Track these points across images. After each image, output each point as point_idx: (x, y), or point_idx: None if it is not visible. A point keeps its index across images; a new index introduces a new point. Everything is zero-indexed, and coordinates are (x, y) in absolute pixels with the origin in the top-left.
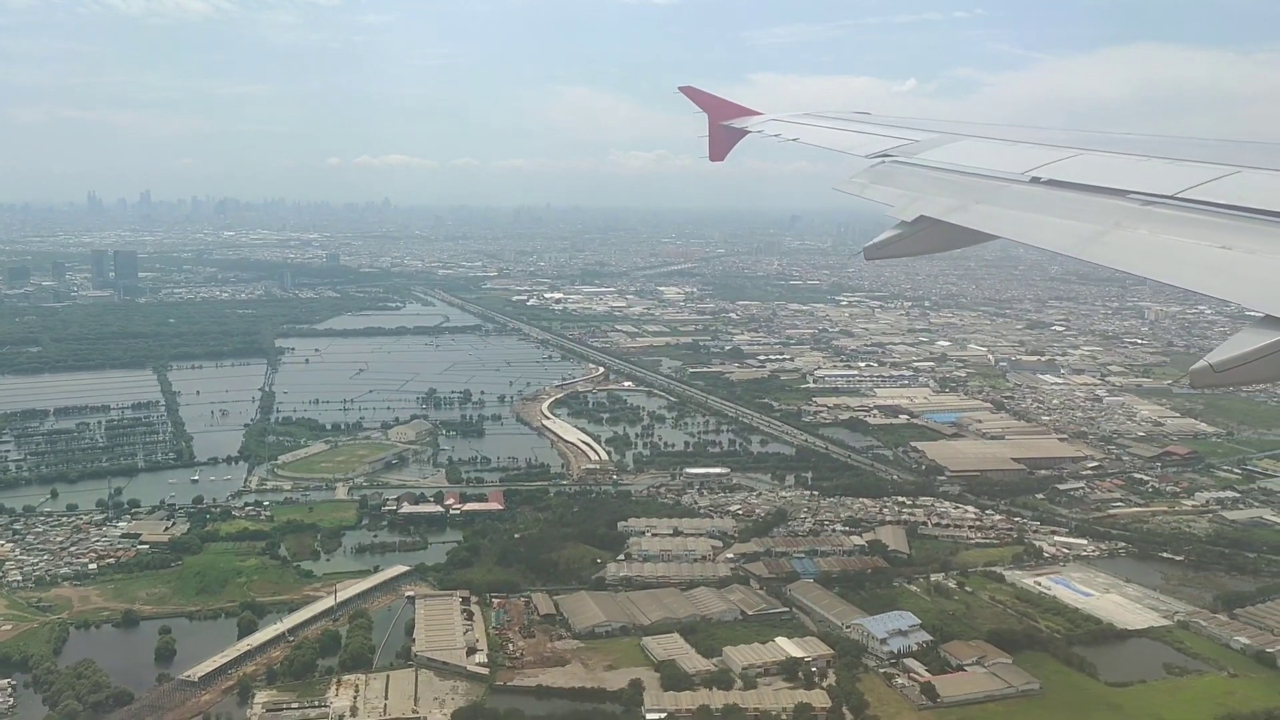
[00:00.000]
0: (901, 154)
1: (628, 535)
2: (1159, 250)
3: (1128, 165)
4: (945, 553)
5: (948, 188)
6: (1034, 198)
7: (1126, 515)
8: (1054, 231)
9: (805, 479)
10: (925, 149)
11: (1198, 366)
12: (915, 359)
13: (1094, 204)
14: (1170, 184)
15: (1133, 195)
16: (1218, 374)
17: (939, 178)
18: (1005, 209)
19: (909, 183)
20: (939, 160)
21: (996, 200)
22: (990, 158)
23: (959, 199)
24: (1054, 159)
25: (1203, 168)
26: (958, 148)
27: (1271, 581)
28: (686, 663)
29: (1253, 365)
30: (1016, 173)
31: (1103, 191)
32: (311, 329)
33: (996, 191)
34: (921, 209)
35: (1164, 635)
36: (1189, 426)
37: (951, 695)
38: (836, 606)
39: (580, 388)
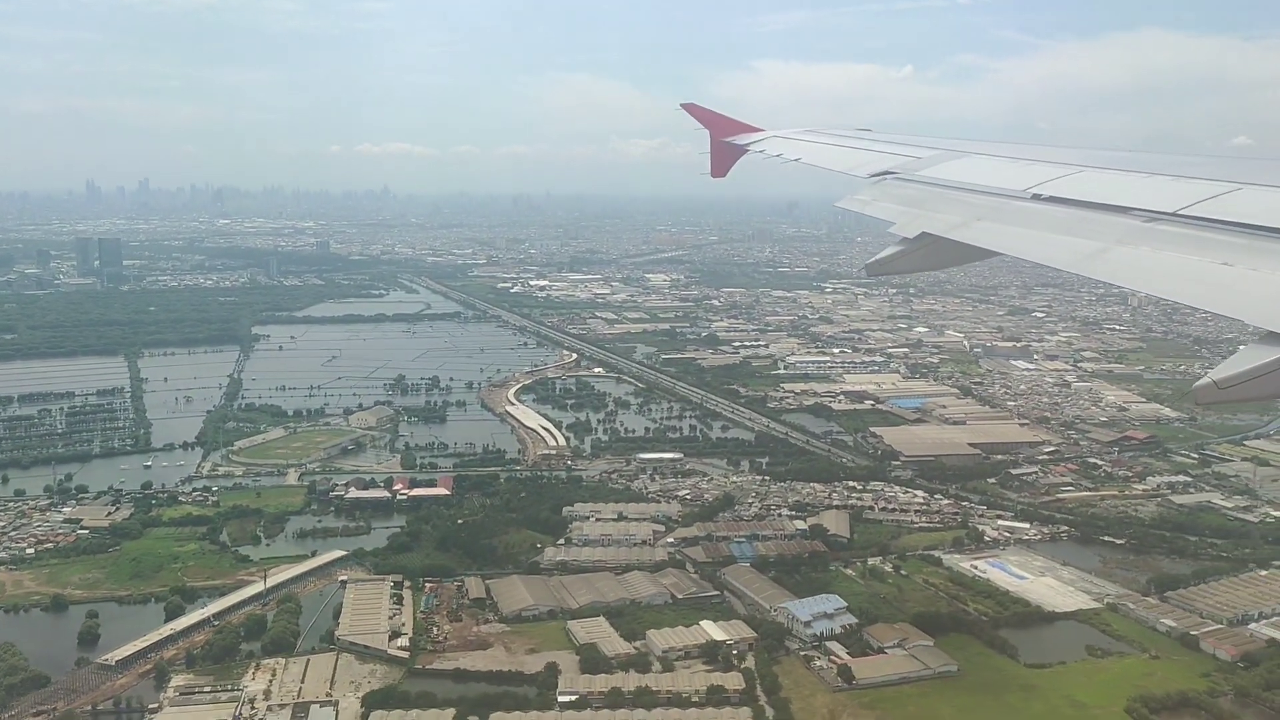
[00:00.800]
0: (904, 171)
1: (571, 520)
2: (1162, 267)
3: (1130, 182)
4: (887, 537)
5: (950, 205)
6: (1036, 214)
7: (1075, 499)
8: (1057, 248)
9: (760, 464)
10: (927, 166)
11: (1201, 384)
12: (891, 345)
13: (1096, 221)
14: (1172, 201)
15: (1135, 212)
16: (1222, 391)
17: (941, 195)
18: (1007, 226)
19: (911, 200)
20: (941, 177)
21: (999, 217)
22: (992, 175)
23: (961, 216)
24: (1056, 176)
25: (1205, 185)
26: (959, 165)
27: (1208, 565)
28: (607, 646)
29: (1257, 381)
30: (1018, 190)
31: (1105, 208)
32: (291, 316)
33: (999, 208)
34: (924, 226)
35: (1091, 618)
36: (1153, 412)
37: (867, 677)
38: (767, 590)
39: (550, 374)
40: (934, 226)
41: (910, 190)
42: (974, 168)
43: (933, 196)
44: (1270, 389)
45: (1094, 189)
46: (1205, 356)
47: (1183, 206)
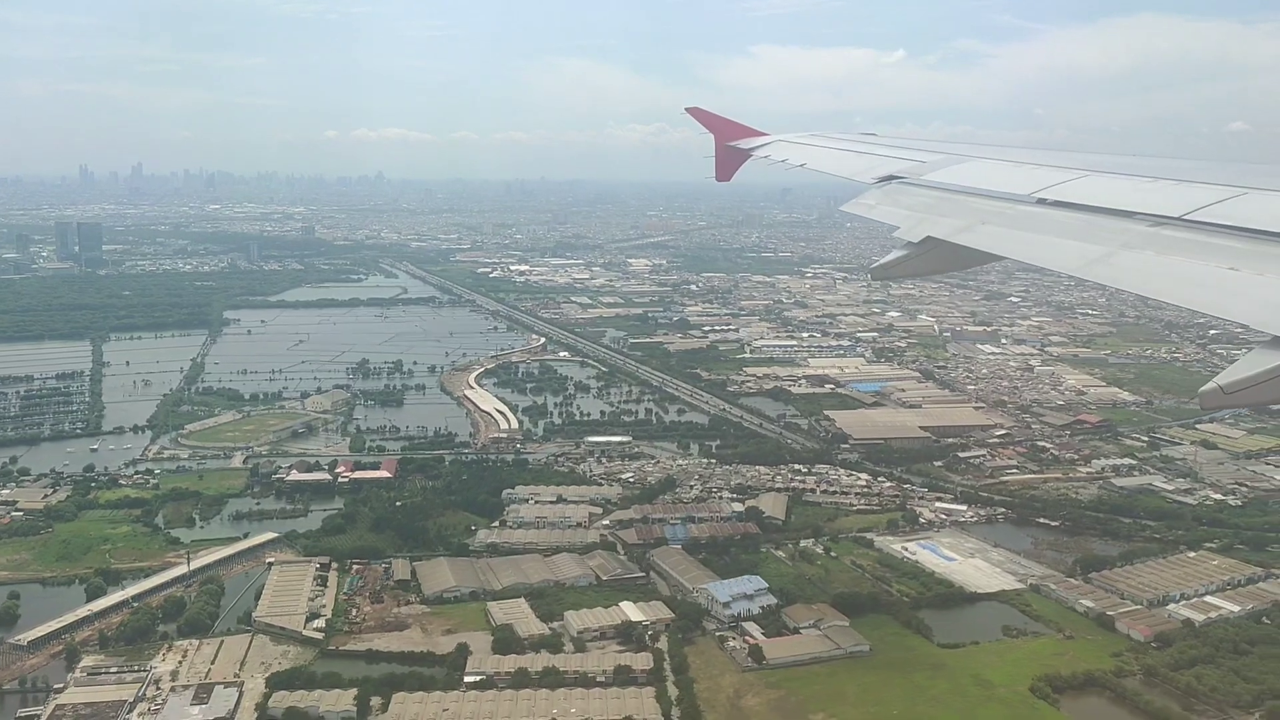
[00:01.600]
0: (909, 175)
1: (509, 503)
2: (1167, 272)
3: (1134, 187)
4: (824, 519)
5: (954, 209)
6: (1041, 219)
7: (1018, 482)
8: (1061, 253)
9: (709, 447)
10: (932, 170)
11: (1207, 388)
12: (862, 330)
13: (1101, 225)
14: (1178, 205)
15: (1140, 216)
16: (1227, 395)
17: (946, 199)
18: (1012, 230)
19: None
20: (946, 181)
21: (1003, 221)
22: (996, 179)
23: (966, 220)
24: (1060, 180)
25: (1210, 189)
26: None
27: (1139, 546)
28: (523, 627)
29: (1262, 386)
30: (1023, 194)
31: (1109, 213)
32: (265, 300)
33: (1003, 213)
34: (928, 230)
35: (1013, 599)
36: (1111, 395)
37: (777, 657)
38: (692, 571)
39: (515, 358)
40: (939, 231)
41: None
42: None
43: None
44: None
45: (1098, 193)
46: (1174, 341)
47: (1187, 211)
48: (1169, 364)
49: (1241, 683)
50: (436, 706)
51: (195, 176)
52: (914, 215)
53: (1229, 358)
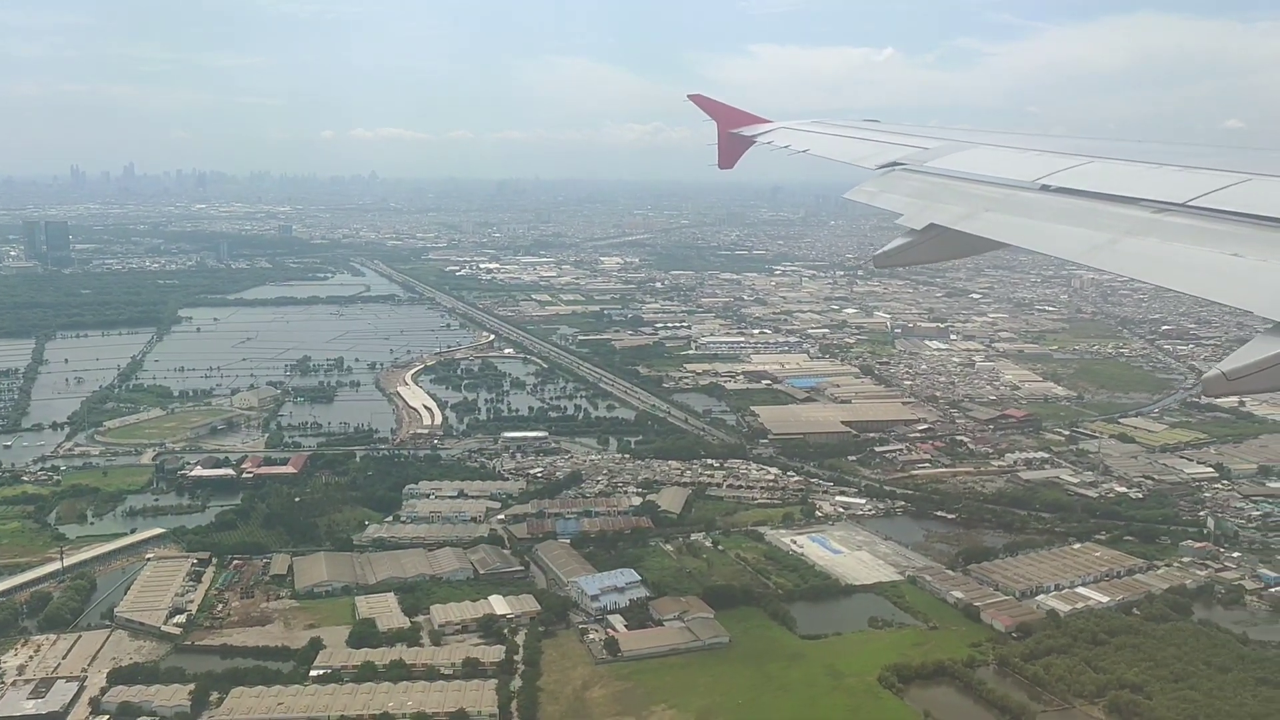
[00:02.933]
0: (912, 162)
1: (410, 498)
2: (1170, 258)
3: (1138, 173)
4: (722, 513)
5: (957, 196)
6: (1044, 205)
7: (926, 476)
8: (1064, 239)
9: (628, 443)
10: (935, 157)
11: (1210, 375)
12: (815, 326)
13: (1105, 212)
14: (1182, 192)
15: (1144, 203)
16: (1230, 382)
17: (949, 186)
18: (1015, 217)
19: (919, 191)
20: (949, 168)
21: (1006, 208)
22: (1000, 166)
23: (969, 207)
24: (1064, 166)
25: (1214, 175)
26: (967, 156)
27: (1030, 538)
28: (386, 621)
29: (1266, 373)
30: (1026, 180)
31: (1113, 199)
32: (224, 299)
33: (1006, 199)
34: (931, 217)
35: (888, 590)
36: (1045, 390)
37: (633, 649)
38: (570, 565)
39: (459, 355)
40: (941, 218)
41: (917, 181)
42: (981, 159)
43: (940, 188)
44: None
45: (1102, 180)
46: (1125, 337)
47: (1192, 197)
48: (1113, 359)
49: (1090, 672)
50: (273, 700)
51: (187, 176)
52: (916, 202)
53: (1175, 353)
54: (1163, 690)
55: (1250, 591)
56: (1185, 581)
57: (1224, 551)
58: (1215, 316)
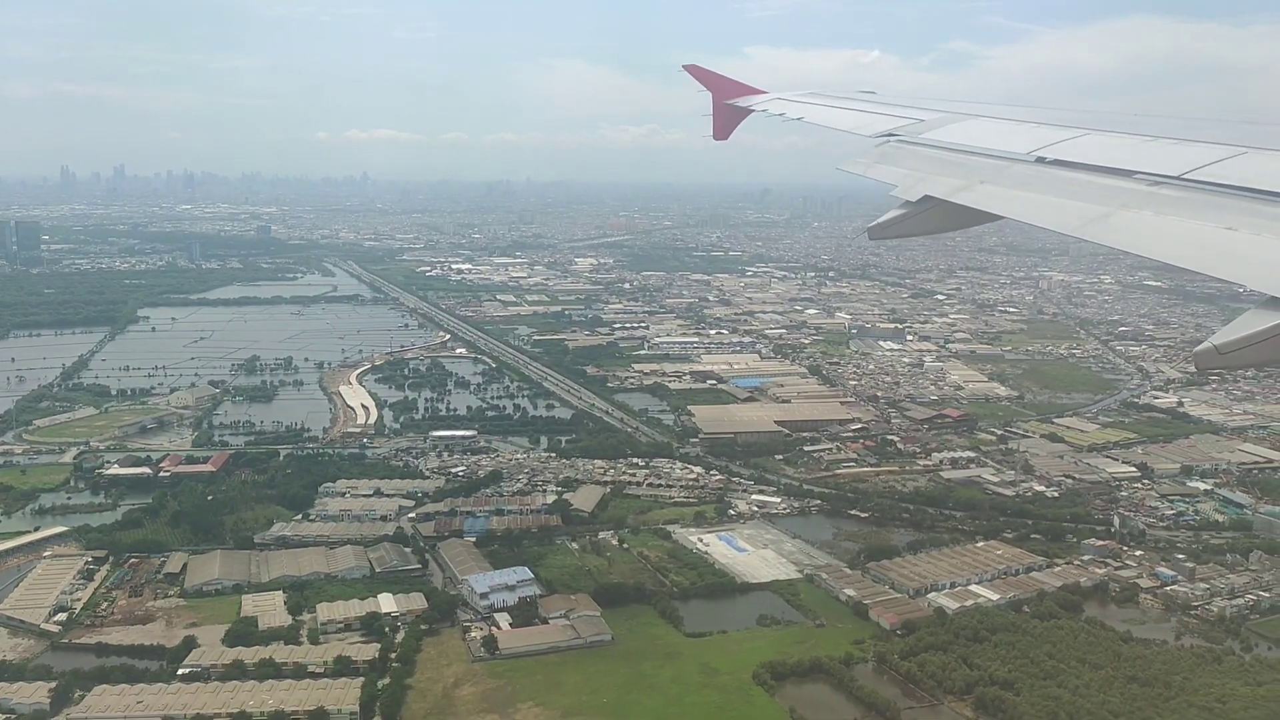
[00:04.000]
0: (906, 134)
1: (325, 496)
2: (1164, 231)
3: (1134, 146)
4: (637, 511)
5: (953, 168)
6: (1039, 178)
7: (849, 475)
8: (1059, 212)
9: (559, 441)
10: (930, 129)
11: (1202, 348)
12: (772, 326)
13: (1099, 185)
14: (1176, 165)
15: (1139, 176)
16: (1223, 355)
17: (944, 158)
18: (1010, 189)
19: (914, 163)
20: (944, 140)
21: (1001, 180)
22: (995, 138)
23: (964, 179)
24: (1059, 139)
25: (1209, 148)
26: (963, 128)
27: (937, 536)
28: (269, 619)
29: (1259, 347)
30: (1022, 153)
31: (1108, 172)
32: (186, 299)
33: (1001, 171)
34: (926, 189)
35: (784, 588)
36: (987, 390)
37: (511, 647)
38: (468, 563)
39: (410, 355)
40: (936, 190)
41: (912, 153)
42: (977, 130)
43: (935, 159)
44: (1271, 354)
45: (1097, 152)
46: (1081, 338)
47: (1186, 170)
48: (1063, 360)
49: (964, 669)
50: (134, 699)
51: (177, 177)
52: (912, 174)
53: (1126, 354)
54: (1031, 687)
55: (1145, 590)
56: (1080, 579)
57: (1127, 550)
58: (1175, 318)
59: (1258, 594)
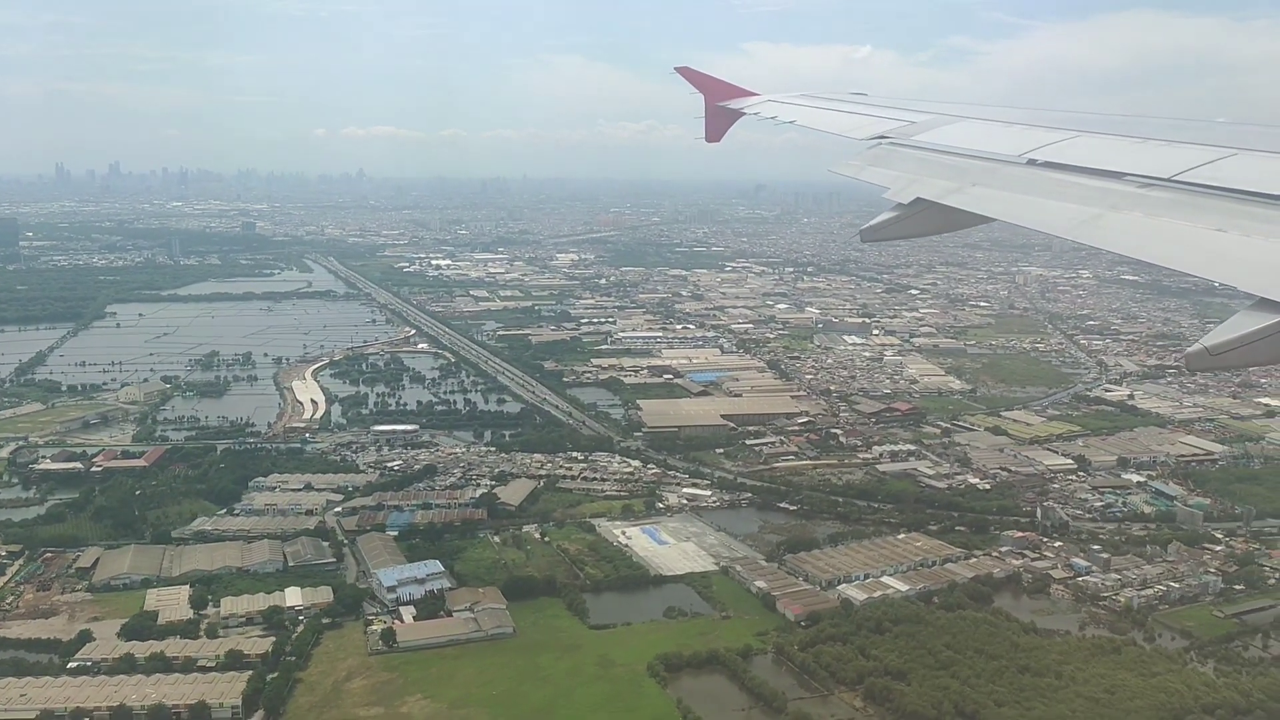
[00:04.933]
0: (899, 136)
1: (255, 490)
2: (1155, 233)
3: (1125, 148)
4: (567, 504)
5: (944, 170)
6: (1031, 180)
7: (787, 468)
8: (1050, 214)
9: (502, 436)
10: (922, 131)
11: (1193, 349)
12: (740, 321)
13: (1090, 186)
14: (1167, 166)
15: (1129, 178)
16: (1214, 356)
17: (936, 160)
18: (1002, 191)
19: (906, 165)
20: (936, 142)
21: (993, 182)
22: (987, 140)
23: (956, 181)
24: (1051, 141)
25: (1200, 150)
26: (955, 130)
27: (857, 529)
28: (171, 613)
29: (1249, 348)
30: (1013, 155)
31: (1099, 174)
32: (157, 294)
33: (993, 174)
34: (918, 191)
35: (698, 581)
36: (942, 384)
37: (410, 640)
38: (382, 557)
39: (371, 350)
40: (928, 192)
41: (904, 155)
42: (969, 132)
43: (927, 162)
44: (1262, 355)
45: (1088, 154)
46: (1047, 332)
47: (1177, 172)
48: (1025, 354)
49: (860, 660)
50: (16, 692)
51: (172, 175)
52: (903, 176)
53: (1089, 348)
54: (923, 677)
55: (1058, 581)
56: (994, 571)
57: (1047, 542)
58: (1145, 312)
59: (1168, 585)
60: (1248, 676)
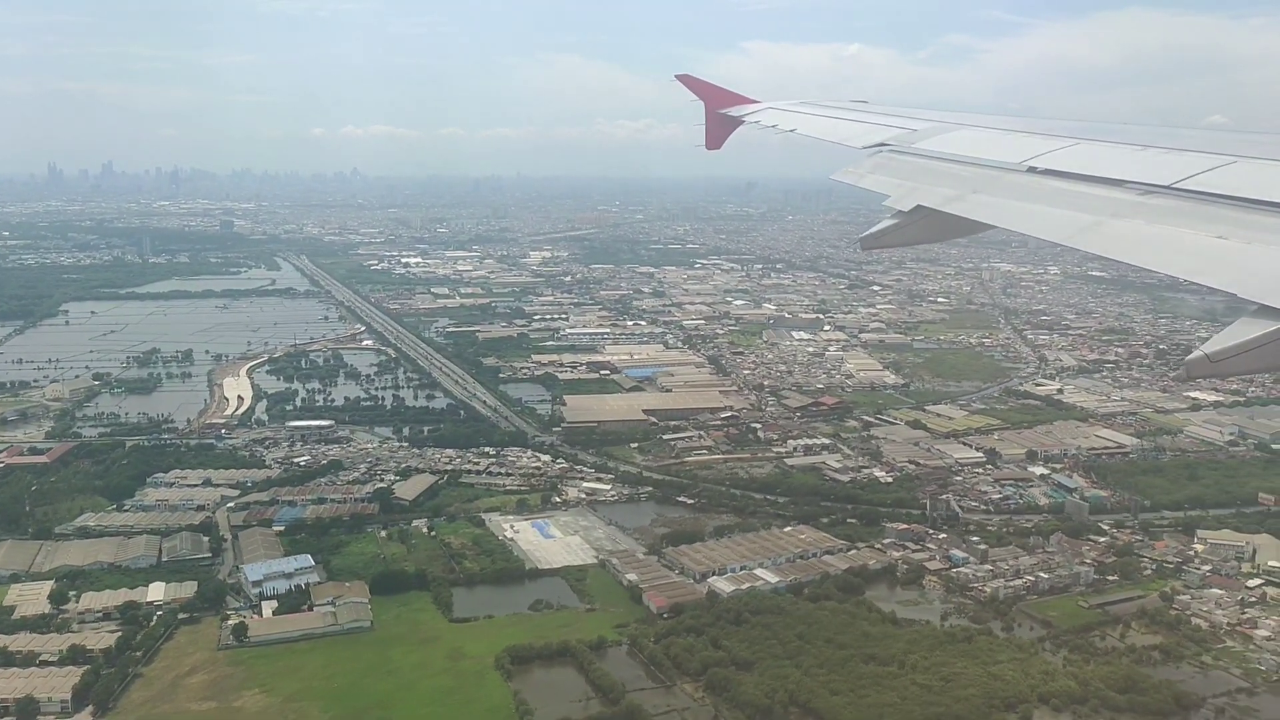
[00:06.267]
0: (899, 143)
1: (153, 486)
2: (1155, 240)
3: (1125, 155)
4: (465, 499)
5: (945, 177)
6: (1031, 188)
7: (697, 462)
8: (1050, 221)
9: (420, 431)
10: (923, 138)
11: (1193, 357)
12: (693, 318)
13: (1091, 194)
14: (1168, 174)
15: (1130, 185)
16: (1214, 364)
17: (936, 167)
18: (1002, 199)
19: (906, 172)
20: (936, 149)
21: (993, 190)
22: (988, 147)
23: (956, 189)
24: (1051, 149)
25: (1200, 158)
26: (955, 137)
27: (747, 521)
28: (28, 608)
29: (1249, 355)
30: (1014, 162)
31: (1100, 182)
32: (116, 293)
33: (993, 181)
34: (919, 199)
35: (573, 574)
36: (877, 378)
37: (263, 634)
38: (258, 551)
39: (315, 347)
40: (929, 199)
41: (905, 163)
42: (969, 140)
43: (927, 169)
44: (1262, 362)
45: (1089, 162)
46: (1000, 327)
47: (1177, 180)
48: (969, 349)
49: (710, 650)
50: None
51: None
52: (904, 184)
53: (1035, 343)
54: (767, 667)
55: (933, 572)
56: (870, 563)
57: (932, 533)
58: (1102, 307)
59: (1039, 575)
60: (1094, 666)
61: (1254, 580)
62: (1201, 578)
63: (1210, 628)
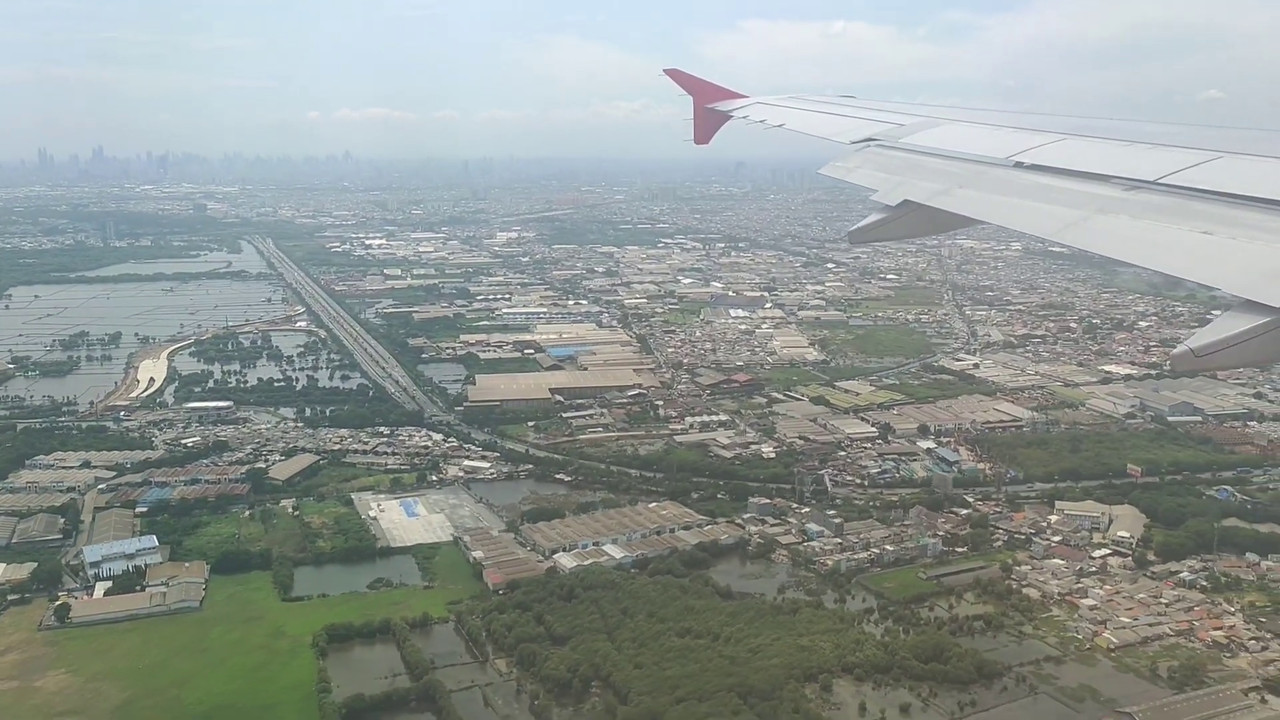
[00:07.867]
0: (887, 138)
1: (29, 468)
2: (1140, 235)
3: (1111, 150)
4: (343, 479)
5: (931, 172)
6: (1017, 182)
7: (590, 440)
8: (1036, 216)
9: (323, 412)
10: (910, 133)
11: (1178, 351)
12: (637, 296)
13: (1077, 189)
14: (1153, 169)
15: (1115, 180)
16: (1199, 358)
17: (923, 162)
18: (988, 194)
19: (893, 167)
20: (924, 144)
21: (980, 185)
22: (974, 142)
23: (943, 183)
24: (1038, 144)
25: (1185, 153)
26: (942, 132)
27: (611, 498)
28: None
29: (1234, 349)
30: (1000, 157)
31: (1085, 177)
32: (66, 276)
33: (980, 176)
34: (906, 193)
35: (424, 552)
36: (799, 355)
37: (86, 615)
38: (108, 533)
39: (246, 329)
40: (916, 194)
41: (892, 157)
42: (957, 135)
43: (914, 164)
44: (1246, 356)
45: (1074, 157)
46: (944, 305)
47: (1162, 175)
48: (904, 325)
49: (530, 625)
50: None
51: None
52: (891, 178)
53: (974, 318)
54: (580, 642)
55: (784, 546)
56: (721, 537)
57: (795, 508)
58: (1050, 283)
59: (885, 548)
60: (909, 636)
61: (1100, 550)
62: (1046, 548)
63: (1041, 598)
